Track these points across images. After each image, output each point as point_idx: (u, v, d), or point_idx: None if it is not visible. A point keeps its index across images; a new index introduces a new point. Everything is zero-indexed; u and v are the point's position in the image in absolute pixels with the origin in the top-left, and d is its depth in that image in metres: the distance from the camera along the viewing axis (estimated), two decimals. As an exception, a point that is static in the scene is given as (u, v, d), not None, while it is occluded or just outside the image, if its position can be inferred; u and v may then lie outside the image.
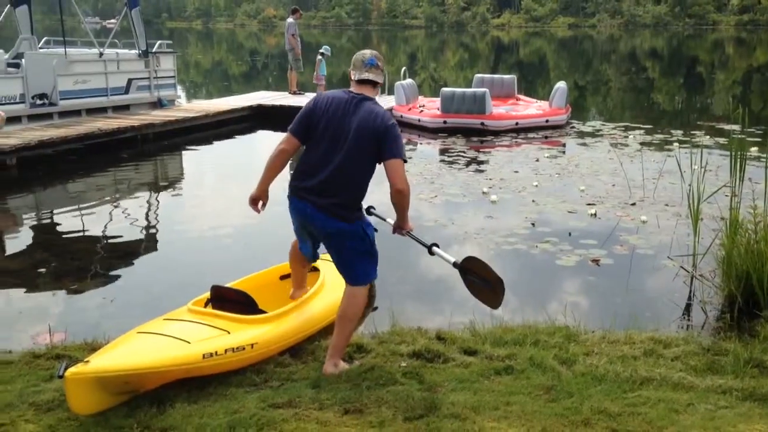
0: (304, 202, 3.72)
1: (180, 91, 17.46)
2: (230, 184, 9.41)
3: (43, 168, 9.76)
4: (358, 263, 3.80)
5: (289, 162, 3.89)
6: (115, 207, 8.23)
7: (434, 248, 4.11)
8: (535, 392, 3.57)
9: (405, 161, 3.66)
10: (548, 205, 8.00)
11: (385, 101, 15.56)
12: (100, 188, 9.40)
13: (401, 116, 14.42)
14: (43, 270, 5.89)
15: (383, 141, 3.59)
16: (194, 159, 11.59)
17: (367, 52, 3.79)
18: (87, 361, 3.13)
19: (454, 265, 4.03)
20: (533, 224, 7.22)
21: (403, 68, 16.41)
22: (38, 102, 11.14)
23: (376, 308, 4.07)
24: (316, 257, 4.14)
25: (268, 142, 13.59)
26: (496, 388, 3.61)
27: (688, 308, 5.22)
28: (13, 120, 10.37)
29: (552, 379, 3.71)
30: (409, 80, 15.76)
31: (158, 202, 8.71)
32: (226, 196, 8.64)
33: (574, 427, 3.18)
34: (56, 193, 9.15)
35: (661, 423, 3.22)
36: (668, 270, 5.91)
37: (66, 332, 4.29)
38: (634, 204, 8.00)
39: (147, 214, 7.99)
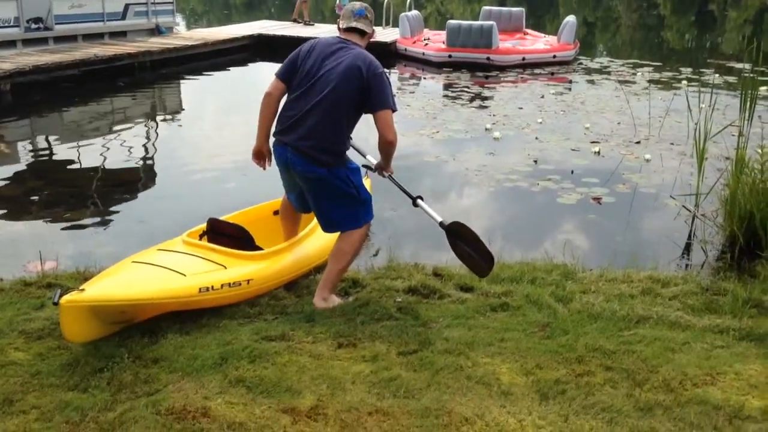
0: (284, 147, 3.60)
1: (179, 19, 17.05)
2: (229, 116, 9.24)
3: (38, 94, 9.58)
4: (343, 209, 3.69)
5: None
6: (112, 136, 8.10)
7: (419, 201, 4.05)
8: (530, 329, 3.54)
9: (394, 111, 3.58)
10: (551, 143, 7.86)
11: (389, 33, 15.19)
12: (96, 117, 9.25)
13: (405, 49, 14.11)
14: (35, 198, 5.82)
15: (371, 90, 3.51)
16: (193, 89, 11.38)
17: (357, 3, 3.79)
18: (82, 289, 3.08)
19: (441, 225, 3.97)
20: (535, 161, 7.10)
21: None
22: (33, 26, 10.86)
23: (376, 252, 3.97)
24: (305, 210, 4.01)
25: (268, 73, 13.30)
26: (491, 324, 3.58)
27: (688, 248, 5.16)
28: (7, 44, 10.14)
29: (548, 316, 3.68)
30: (414, 12, 15.36)
31: (156, 132, 8.58)
32: (225, 128, 8.49)
33: (567, 364, 3.15)
34: (51, 120, 9.01)
35: (656, 361, 3.19)
36: (670, 209, 5.84)
37: (57, 260, 4.25)
38: (638, 142, 7.87)
39: (144, 145, 7.86)
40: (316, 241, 4.17)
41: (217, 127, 8.69)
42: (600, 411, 2.78)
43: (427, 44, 13.88)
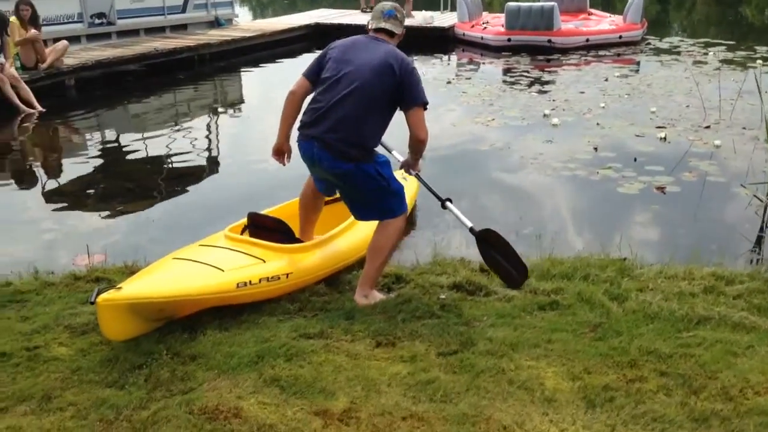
0: (311, 142, 3.49)
1: (246, 11, 17.16)
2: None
3: (100, 89, 9.81)
4: (375, 202, 3.60)
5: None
6: (172, 129, 8.23)
7: (448, 204, 3.94)
8: (580, 330, 3.36)
9: (426, 107, 3.51)
10: (614, 128, 7.55)
11: (447, 18, 14.95)
12: (156, 110, 9.44)
13: (463, 34, 13.86)
14: (92, 191, 5.96)
15: (404, 86, 3.42)
16: (252, 80, 11.47)
17: (387, 4, 3.68)
18: (119, 288, 3.09)
19: (471, 231, 3.84)
20: (596, 149, 6.82)
21: (469, -18, 15.63)
22: (96, 21, 11.14)
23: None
24: (329, 193, 3.94)
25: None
26: (538, 324, 3.42)
27: (759, 241, 4.84)
28: (71, 40, 10.42)
29: (600, 316, 3.49)
30: (474, -5, 15.03)
31: (216, 124, 8.66)
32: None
33: (618, 369, 2.98)
34: (113, 114, 9.23)
35: (715, 366, 2.98)
36: (740, 199, 5.50)
37: (106, 254, 4.29)
38: (708, 127, 7.47)
39: (206, 137, 7.93)
40: (357, 233, 4.08)
41: (277, 118, 8.60)
42: (650, 421, 2.60)
43: (485, 28, 13.58)
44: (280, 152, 3.77)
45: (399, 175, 5.09)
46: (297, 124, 3.65)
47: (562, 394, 2.78)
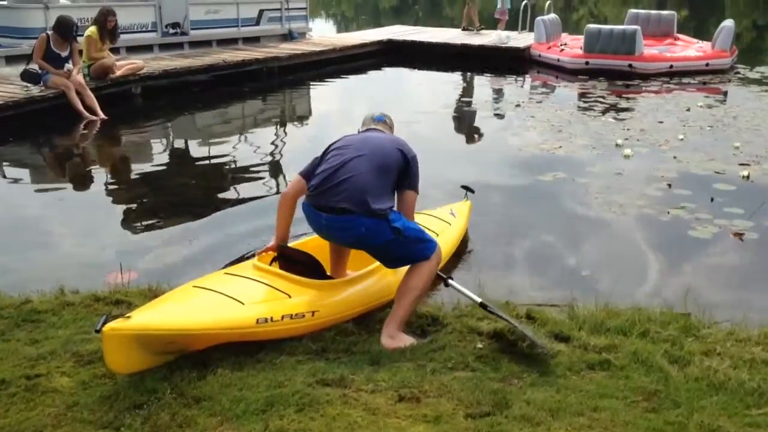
0: (319, 214, 3.45)
1: (322, 23, 17.16)
2: (356, 123, 9.00)
3: (165, 98, 9.86)
4: (400, 253, 3.48)
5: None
6: (234, 142, 8.15)
7: (450, 281, 3.67)
8: (632, 397, 2.97)
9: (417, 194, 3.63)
10: (692, 163, 7.01)
11: (524, 39, 14.56)
12: (220, 122, 9.43)
13: (539, 55, 13.43)
14: (142, 203, 5.86)
15: (409, 168, 3.53)
16: (321, 95, 11.38)
17: (376, 111, 3.86)
18: (128, 317, 2.91)
19: (481, 305, 3.53)
20: (669, 185, 6.32)
21: (548, 1, 15.21)
22: (171, 31, 11.31)
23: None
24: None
25: (397, 78, 13.14)
26: (584, 386, 3.05)
27: None
28: (145, 48, 10.60)
29: (657, 381, 3.08)
30: (552, 15, 14.63)
31: (280, 140, 8.49)
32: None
33: (673, 450, 2.58)
34: (177, 124, 9.26)
35: (789, 455, 2.55)
36: (831, 251, 4.93)
37: (137, 273, 4.15)
38: (798, 166, 6.84)
39: (266, 152, 7.76)
40: (392, 271, 3.78)
41: (346, 132, 8.35)
42: None
43: (563, 50, 13.10)
44: (275, 251, 3.70)
45: (447, 210, 4.81)
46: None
47: (601, 479, 2.41)
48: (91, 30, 8.64)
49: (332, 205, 3.37)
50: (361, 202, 3.34)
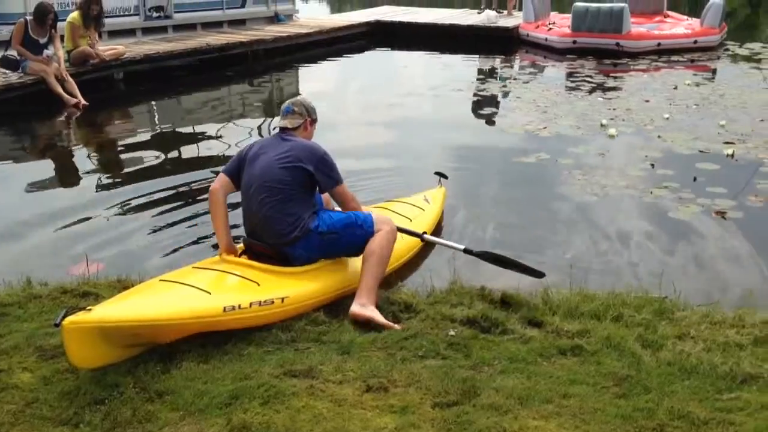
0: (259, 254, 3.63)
1: (316, 4, 16.95)
2: (347, 108, 8.88)
3: (147, 83, 9.70)
4: (345, 244, 3.64)
5: None
6: (216, 130, 7.93)
7: (425, 236, 4.03)
8: (603, 383, 2.94)
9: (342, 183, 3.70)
10: (676, 142, 6.96)
11: (513, 19, 14.43)
12: (201, 107, 9.29)
13: (527, 34, 13.31)
14: (120, 192, 5.71)
15: (319, 172, 3.58)
16: (306, 78, 11.23)
17: (287, 102, 3.83)
18: (89, 309, 2.85)
19: (466, 251, 3.94)
20: (652, 165, 6.27)
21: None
22: (154, 15, 11.14)
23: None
24: None
25: (386, 60, 13.00)
26: (555, 372, 3.01)
27: (833, 282, 4.25)
28: (127, 33, 10.45)
29: (628, 366, 3.05)
30: (541, -7, 14.42)
31: (266, 125, 8.37)
32: (338, 125, 7.43)
33: (641, 436, 2.55)
34: (158, 110, 9.15)
35: (759, 439, 2.53)
36: (813, 230, 4.89)
37: (102, 265, 4.08)
38: (783, 144, 6.80)
39: (250, 139, 7.55)
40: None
41: (338, 117, 7.79)
42: None
43: (550, 29, 12.98)
44: (230, 253, 3.67)
45: (420, 197, 4.75)
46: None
47: (566, 468, 2.39)
48: (73, 16, 8.52)
49: (267, 245, 3.57)
50: (280, 235, 3.51)
